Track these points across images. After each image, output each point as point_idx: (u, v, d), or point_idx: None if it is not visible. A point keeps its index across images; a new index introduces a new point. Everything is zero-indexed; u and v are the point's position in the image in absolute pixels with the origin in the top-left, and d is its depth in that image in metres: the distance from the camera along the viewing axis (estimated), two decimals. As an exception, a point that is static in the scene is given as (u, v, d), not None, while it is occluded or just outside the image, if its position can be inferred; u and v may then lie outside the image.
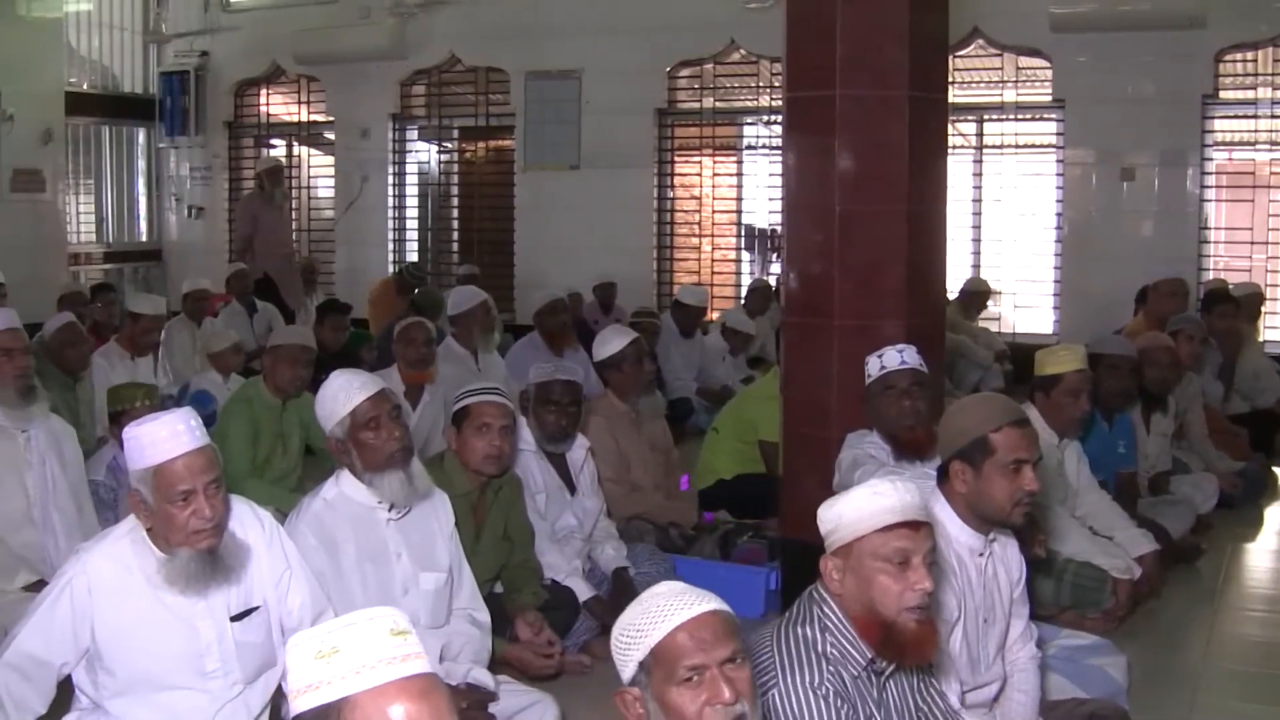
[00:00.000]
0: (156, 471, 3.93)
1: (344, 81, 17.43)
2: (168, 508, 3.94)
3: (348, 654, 2.26)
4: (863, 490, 3.49)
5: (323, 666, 2.26)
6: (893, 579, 3.43)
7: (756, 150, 16.13)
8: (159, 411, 4.12)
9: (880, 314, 6.61)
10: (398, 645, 2.29)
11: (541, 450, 6.63)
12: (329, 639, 2.28)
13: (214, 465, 4.02)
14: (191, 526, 3.96)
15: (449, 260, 17.59)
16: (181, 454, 3.94)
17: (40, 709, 4.15)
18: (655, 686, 2.85)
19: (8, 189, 16.62)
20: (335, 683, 2.25)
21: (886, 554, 3.43)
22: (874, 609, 3.44)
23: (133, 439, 3.98)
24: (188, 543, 3.98)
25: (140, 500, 3.99)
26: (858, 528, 3.45)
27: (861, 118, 6.59)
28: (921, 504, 3.50)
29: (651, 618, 2.87)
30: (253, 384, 8.02)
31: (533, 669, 5.70)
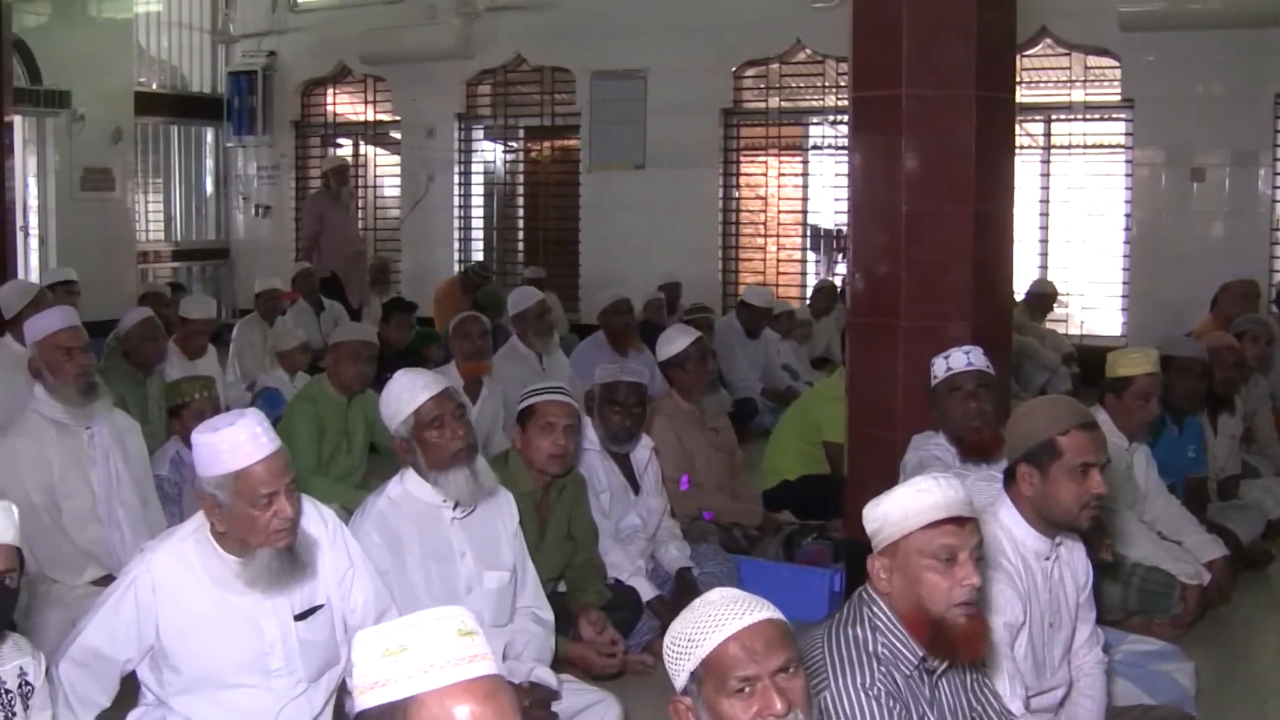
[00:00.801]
0: (238, 477, 3.95)
1: (410, 81, 17.50)
2: (250, 511, 3.97)
3: (415, 653, 2.27)
4: (906, 488, 3.47)
5: (390, 665, 2.26)
6: (940, 575, 3.41)
7: (822, 150, 16.07)
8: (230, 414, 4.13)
9: (946, 315, 6.57)
10: (465, 646, 2.29)
11: (606, 450, 6.63)
12: (397, 637, 2.29)
13: (290, 466, 4.07)
14: (273, 527, 4.00)
15: (514, 260, 17.62)
16: (262, 458, 3.97)
17: (104, 703, 4.20)
18: (707, 697, 2.83)
19: (78, 188, 16.81)
20: (402, 681, 2.25)
21: (933, 550, 3.41)
22: (923, 606, 3.42)
23: (208, 445, 3.99)
24: (268, 542, 4.02)
25: (215, 504, 4.00)
26: (903, 525, 3.43)
27: (928, 118, 6.55)
28: (967, 499, 3.47)
29: (702, 627, 2.84)
30: (317, 382, 8.05)
31: (595, 668, 5.70)
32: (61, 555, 5.90)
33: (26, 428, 6.03)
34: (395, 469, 5.15)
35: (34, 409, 6.07)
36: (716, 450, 7.72)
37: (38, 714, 3.88)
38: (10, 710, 3.79)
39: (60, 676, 4.09)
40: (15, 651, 3.86)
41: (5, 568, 3.64)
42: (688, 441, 7.53)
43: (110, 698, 4.21)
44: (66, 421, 6.02)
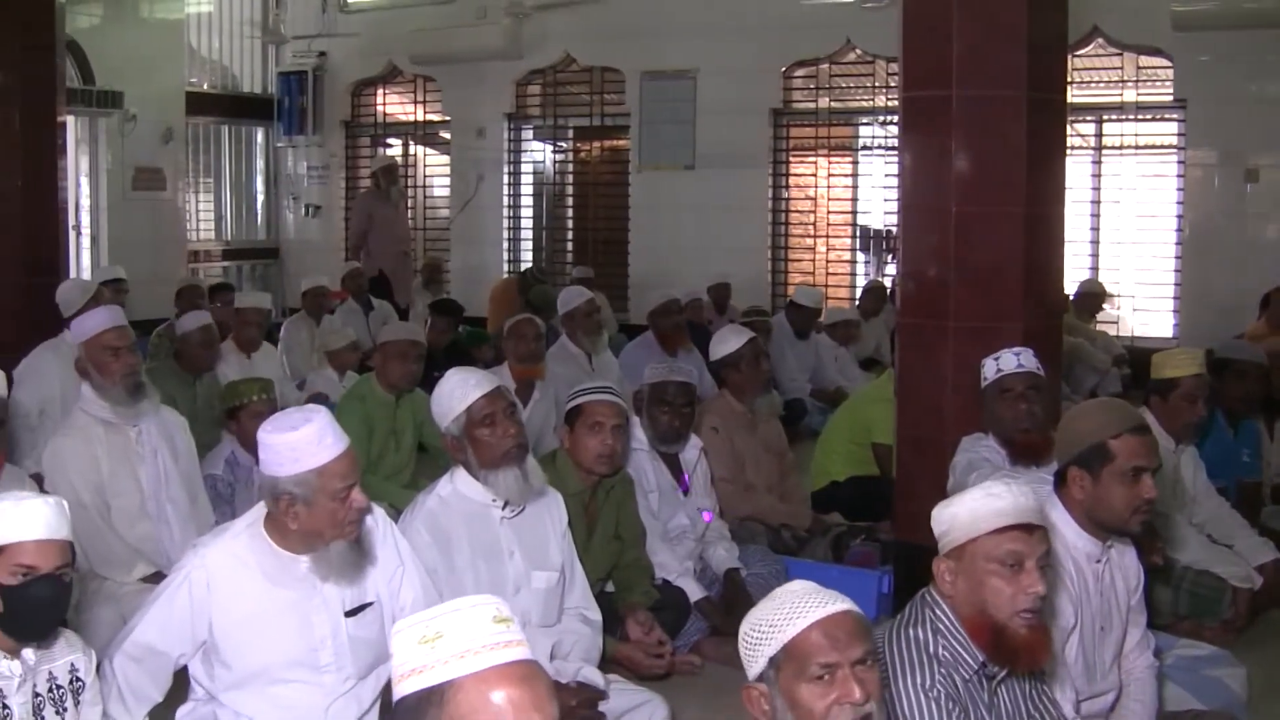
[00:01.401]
0: (320, 473, 3.98)
1: (460, 81, 17.51)
2: (330, 505, 4.01)
3: (451, 639, 2.29)
4: (977, 492, 3.46)
5: (427, 651, 2.29)
6: (1005, 581, 3.40)
7: (872, 151, 16.02)
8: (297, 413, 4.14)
9: (996, 316, 6.54)
10: (500, 632, 2.30)
11: (654, 450, 6.63)
12: (433, 624, 2.31)
13: (358, 459, 4.13)
14: (349, 519, 4.05)
15: (563, 260, 17.62)
16: (341, 452, 4.01)
17: (156, 697, 4.24)
18: (784, 682, 2.85)
19: (130, 187, 16.91)
20: (438, 667, 2.27)
21: (999, 556, 3.40)
22: (985, 611, 3.41)
23: (288, 445, 3.99)
24: (342, 534, 4.06)
25: (293, 502, 4.02)
26: (971, 529, 3.42)
27: (978, 118, 6.53)
28: (1037, 507, 3.46)
29: (786, 613, 2.86)
30: (365, 381, 8.09)
31: (643, 668, 5.70)
32: (111, 553, 5.94)
33: (75, 426, 6.08)
34: (442, 469, 5.17)
35: (81, 408, 6.11)
36: (766, 451, 7.70)
37: (88, 710, 3.91)
38: (62, 706, 3.82)
39: (114, 671, 4.13)
40: (67, 648, 3.89)
41: (61, 563, 3.67)
42: (738, 442, 7.51)
43: (162, 692, 4.25)
44: (114, 420, 6.06)
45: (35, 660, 3.77)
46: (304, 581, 4.15)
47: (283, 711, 4.17)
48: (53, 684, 3.82)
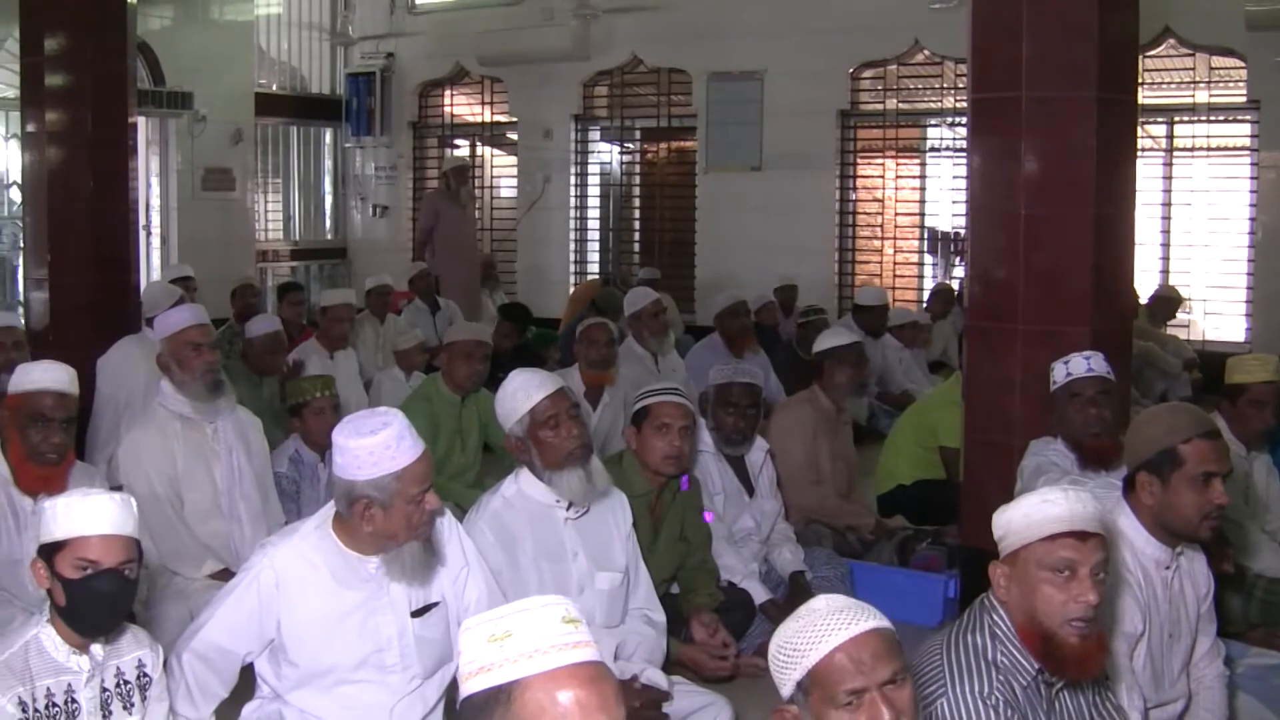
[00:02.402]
0: (400, 476, 4.00)
1: (527, 82, 17.54)
2: (407, 508, 4.03)
3: (520, 638, 2.28)
4: (1033, 497, 3.43)
5: (495, 649, 2.28)
6: (1056, 589, 3.36)
7: (940, 152, 15.93)
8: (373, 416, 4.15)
9: (1066, 319, 6.49)
10: (569, 632, 2.30)
11: (720, 452, 6.61)
12: (502, 623, 2.30)
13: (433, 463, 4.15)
14: (423, 521, 4.08)
15: (630, 262, 17.62)
16: (419, 455, 4.04)
17: (223, 694, 4.27)
18: (814, 706, 2.81)
19: (199, 188, 17.04)
20: (507, 665, 2.27)
21: (1051, 563, 3.37)
22: (1036, 618, 3.38)
23: (366, 449, 4.00)
24: (414, 536, 4.09)
25: (370, 505, 4.03)
26: (1025, 535, 3.39)
27: (1048, 119, 6.48)
28: (1095, 515, 3.42)
29: (809, 638, 2.80)
30: (432, 381, 8.11)
31: (707, 670, 5.69)
32: (182, 547, 6.00)
33: (153, 420, 6.17)
34: (508, 469, 5.17)
35: (160, 403, 6.20)
36: (838, 457, 7.67)
37: (155, 705, 3.95)
38: (129, 701, 3.86)
39: (181, 667, 4.16)
40: (134, 643, 3.93)
41: (125, 559, 3.70)
42: (819, 439, 7.49)
43: (228, 689, 4.28)
44: (192, 416, 6.14)
45: (103, 656, 3.82)
46: (371, 582, 4.16)
47: (349, 711, 4.20)
48: (120, 679, 3.86)
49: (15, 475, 5.43)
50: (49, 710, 3.69)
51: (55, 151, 9.24)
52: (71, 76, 9.20)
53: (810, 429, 7.46)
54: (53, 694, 3.71)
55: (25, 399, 5.36)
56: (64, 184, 9.22)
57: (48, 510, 3.72)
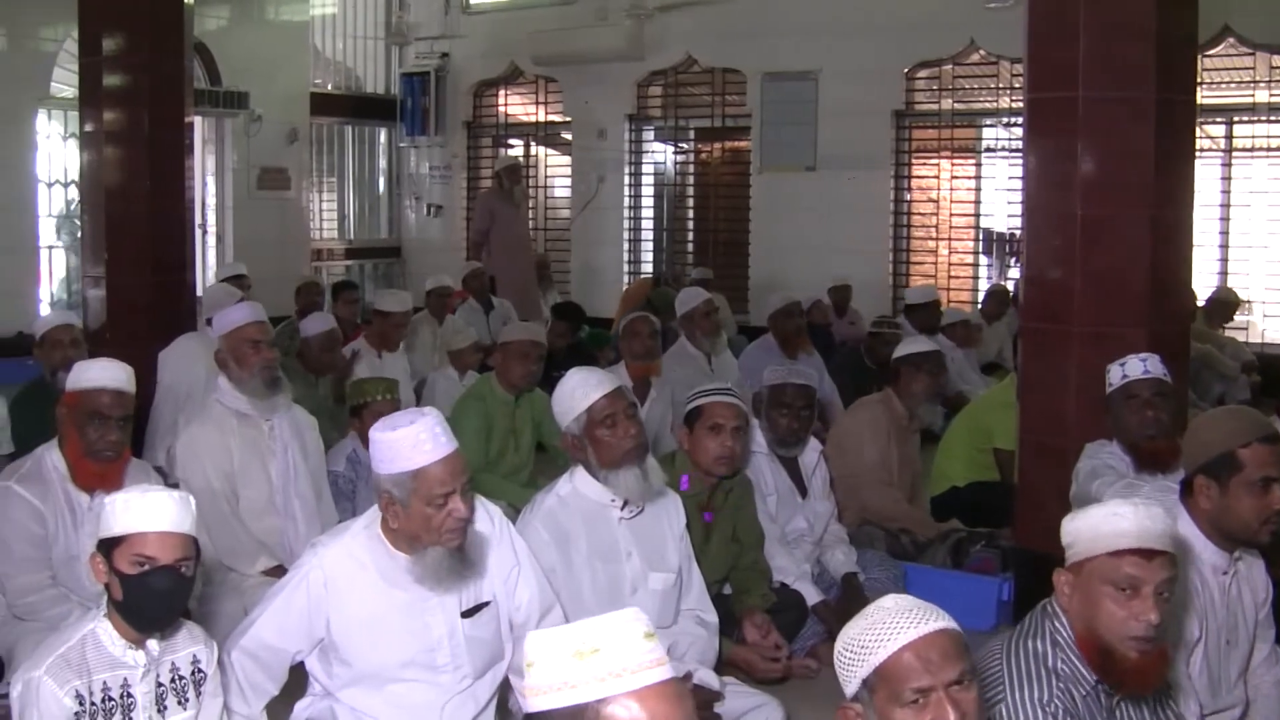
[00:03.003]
0: (416, 475, 4.00)
1: (581, 82, 17.56)
2: (426, 509, 4.02)
3: (607, 655, 2.26)
4: (1103, 509, 3.39)
5: (581, 666, 2.26)
6: (1118, 605, 3.32)
7: (996, 153, 15.84)
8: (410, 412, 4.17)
9: (1122, 321, 6.45)
10: (651, 649, 2.29)
11: (773, 453, 6.60)
12: (589, 639, 2.28)
13: (466, 467, 4.11)
14: (447, 526, 4.04)
15: (683, 262, 17.59)
16: (440, 457, 4.01)
17: (273, 691, 4.29)
18: (878, 705, 2.78)
19: (255, 187, 17.16)
20: (593, 683, 2.25)
21: (1115, 579, 3.32)
22: (1096, 631, 3.35)
23: (388, 444, 4.04)
24: (440, 542, 4.06)
25: (391, 502, 4.06)
26: (1091, 546, 3.35)
27: (1105, 120, 6.45)
28: (1164, 532, 3.36)
29: (877, 635, 2.78)
30: (485, 380, 8.12)
31: (759, 671, 5.67)
32: (237, 543, 6.05)
33: (210, 416, 6.22)
34: (560, 468, 5.17)
35: (218, 399, 6.24)
36: (904, 464, 7.63)
37: (209, 700, 3.97)
38: (184, 696, 3.88)
39: (232, 664, 4.18)
40: (189, 639, 3.95)
41: (182, 556, 3.73)
42: (891, 443, 7.47)
43: (279, 686, 4.30)
44: (249, 413, 6.18)
45: (159, 651, 3.84)
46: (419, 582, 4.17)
47: (400, 710, 4.20)
48: (175, 674, 3.89)
49: (72, 472, 5.46)
50: (105, 704, 3.72)
51: (112, 151, 9.31)
52: (129, 77, 9.27)
53: (884, 431, 7.44)
54: (109, 688, 3.74)
55: (83, 397, 5.39)
56: (121, 183, 9.29)
57: (107, 506, 3.75)
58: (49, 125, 15.71)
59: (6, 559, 5.44)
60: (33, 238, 15.43)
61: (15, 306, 14.63)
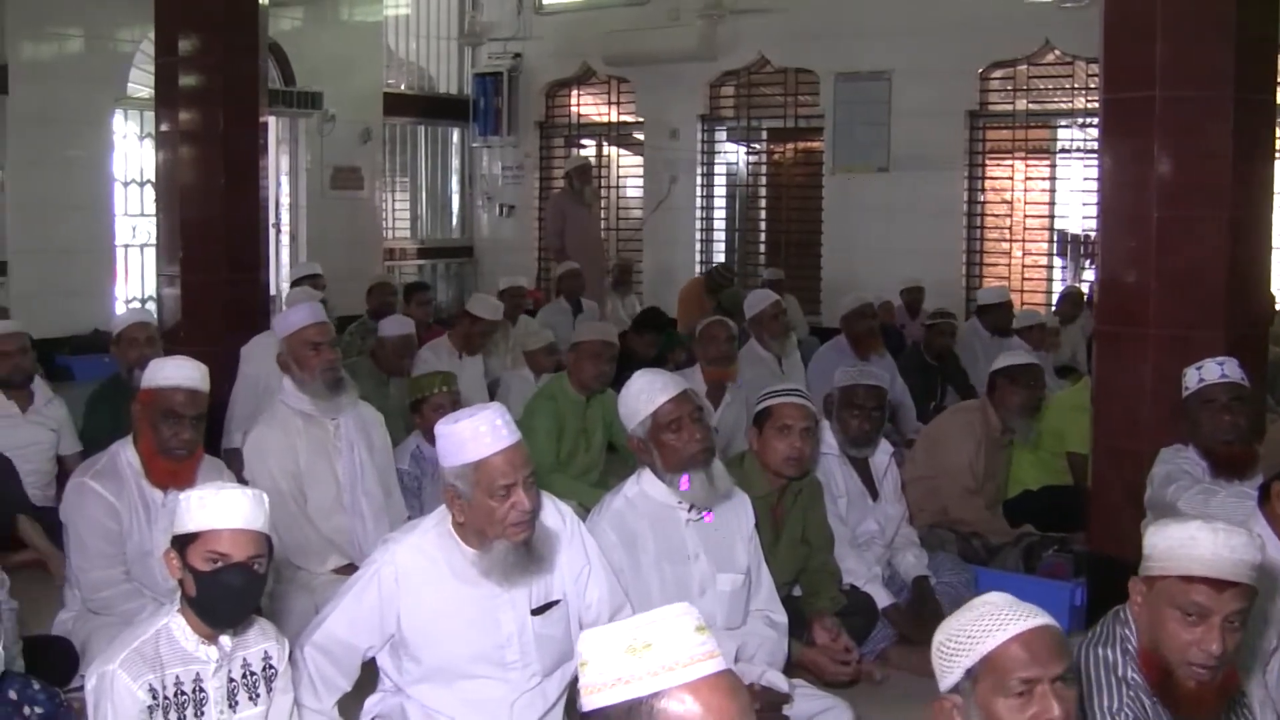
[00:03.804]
0: (478, 467, 4.01)
1: (653, 83, 17.56)
2: (488, 502, 4.02)
3: (660, 649, 2.26)
4: (1183, 530, 3.31)
5: (634, 661, 2.26)
6: (1183, 629, 3.27)
7: (1071, 154, 15.72)
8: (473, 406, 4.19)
9: (1198, 324, 6.39)
10: (703, 642, 2.29)
11: (844, 454, 6.57)
12: (640, 634, 2.29)
13: (530, 459, 4.12)
14: (510, 519, 4.04)
15: (755, 262, 17.57)
16: (501, 449, 4.02)
17: (345, 687, 4.32)
18: (981, 695, 2.78)
19: (328, 186, 17.26)
20: (646, 678, 2.25)
21: (1183, 604, 3.27)
22: (1159, 650, 3.31)
23: (450, 435, 4.06)
24: (505, 535, 4.07)
25: (456, 495, 4.07)
26: (1164, 565, 3.30)
27: (1183, 120, 6.38)
28: (1242, 561, 3.27)
29: (986, 625, 2.79)
30: (558, 380, 8.13)
31: (828, 674, 5.64)
32: (307, 543, 6.07)
33: (275, 418, 6.24)
34: (632, 468, 5.16)
35: (282, 400, 6.27)
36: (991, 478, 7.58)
37: (280, 696, 4.00)
38: (255, 691, 3.91)
39: (304, 660, 4.21)
40: (261, 635, 3.98)
41: (255, 553, 3.76)
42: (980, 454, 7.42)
43: (351, 682, 4.33)
44: (313, 413, 6.20)
45: (231, 646, 3.87)
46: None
47: (469, 706, 4.21)
48: (247, 670, 3.92)
49: (146, 468, 5.52)
50: (178, 698, 3.76)
51: (188, 150, 9.39)
52: (204, 77, 9.35)
53: (975, 439, 7.38)
54: (181, 682, 3.78)
55: (157, 395, 5.44)
56: (196, 182, 9.37)
57: (182, 503, 3.78)
58: (125, 125, 15.88)
59: (81, 553, 5.50)
60: (109, 236, 15.60)
61: (92, 304, 14.83)
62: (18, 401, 7.71)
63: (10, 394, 7.72)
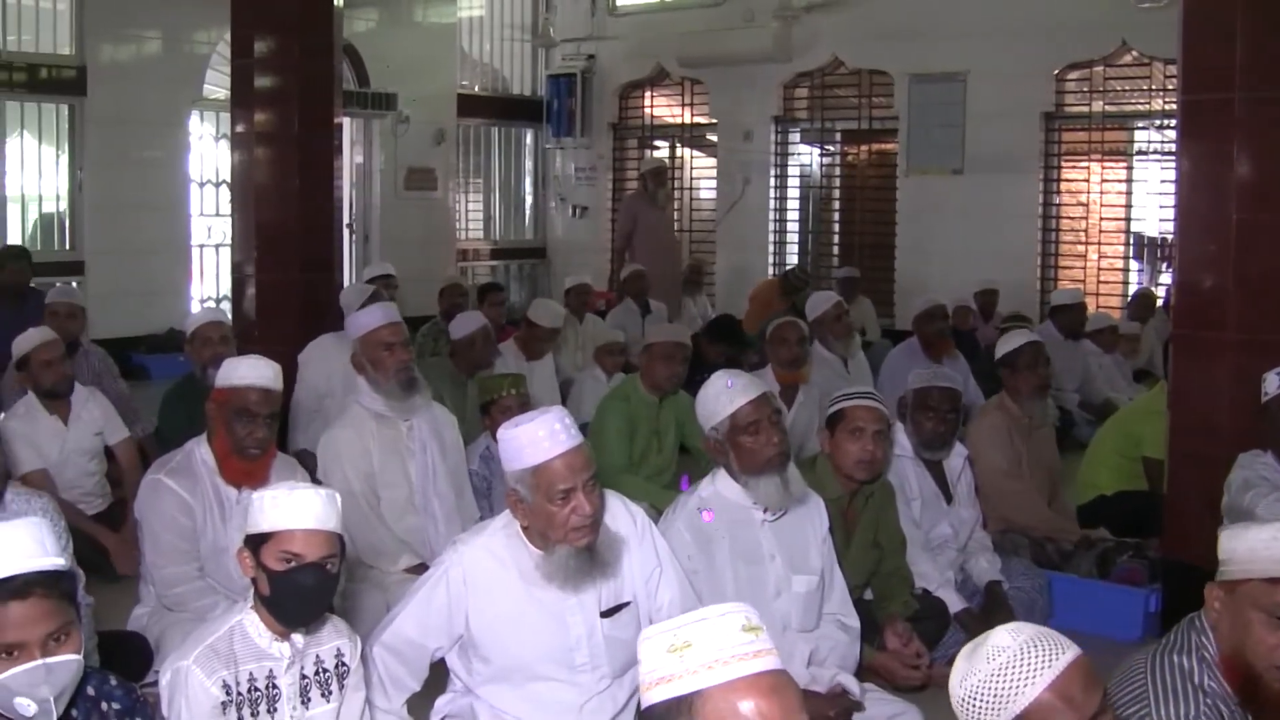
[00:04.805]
0: (536, 471, 4.01)
1: (727, 84, 17.55)
2: (548, 506, 4.02)
3: (700, 648, 2.27)
4: (1265, 531, 3.26)
5: (675, 660, 2.28)
6: (1268, 633, 3.21)
7: (1148, 156, 15.60)
8: (536, 410, 4.19)
9: (1278, 328, 6.31)
10: (749, 641, 2.28)
11: (918, 457, 6.53)
12: (681, 633, 2.30)
13: (590, 463, 4.10)
14: (571, 524, 4.04)
15: (828, 264, 17.53)
16: (560, 453, 4.01)
17: (414, 687, 4.34)
18: None
19: (402, 187, 17.37)
20: (686, 676, 2.26)
21: (1267, 606, 3.21)
22: (1242, 655, 3.24)
23: (510, 440, 4.07)
24: (567, 540, 4.06)
25: (518, 499, 4.08)
26: (1247, 568, 3.24)
27: (1263, 122, 6.32)
28: None
29: (1010, 680, 2.62)
30: (630, 381, 8.13)
31: (899, 679, 5.61)
32: (379, 543, 6.10)
33: (349, 418, 6.27)
34: (704, 470, 5.15)
35: (356, 400, 6.30)
36: (1036, 463, 7.52)
37: (352, 694, 4.01)
38: (327, 689, 3.93)
39: (374, 659, 4.23)
40: (333, 633, 4.00)
41: (328, 553, 3.77)
42: (1016, 446, 7.37)
43: (420, 682, 4.34)
44: (387, 414, 6.22)
45: (304, 644, 3.89)
46: (558, 580, 4.18)
47: (538, 708, 4.22)
48: (319, 667, 3.94)
49: (220, 466, 5.56)
50: (251, 694, 3.79)
51: (263, 151, 9.46)
52: (279, 78, 9.41)
53: (1004, 434, 7.33)
54: (255, 679, 3.81)
55: (231, 394, 5.49)
56: (271, 183, 9.44)
57: (255, 502, 3.80)
58: (201, 126, 16.06)
59: (156, 550, 5.55)
60: (185, 236, 15.77)
61: (168, 304, 14.99)
62: (59, 414, 7.63)
63: (53, 406, 7.62)
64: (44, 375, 7.55)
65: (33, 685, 3.08)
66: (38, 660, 3.08)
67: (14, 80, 14.29)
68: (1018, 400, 7.39)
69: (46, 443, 7.52)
